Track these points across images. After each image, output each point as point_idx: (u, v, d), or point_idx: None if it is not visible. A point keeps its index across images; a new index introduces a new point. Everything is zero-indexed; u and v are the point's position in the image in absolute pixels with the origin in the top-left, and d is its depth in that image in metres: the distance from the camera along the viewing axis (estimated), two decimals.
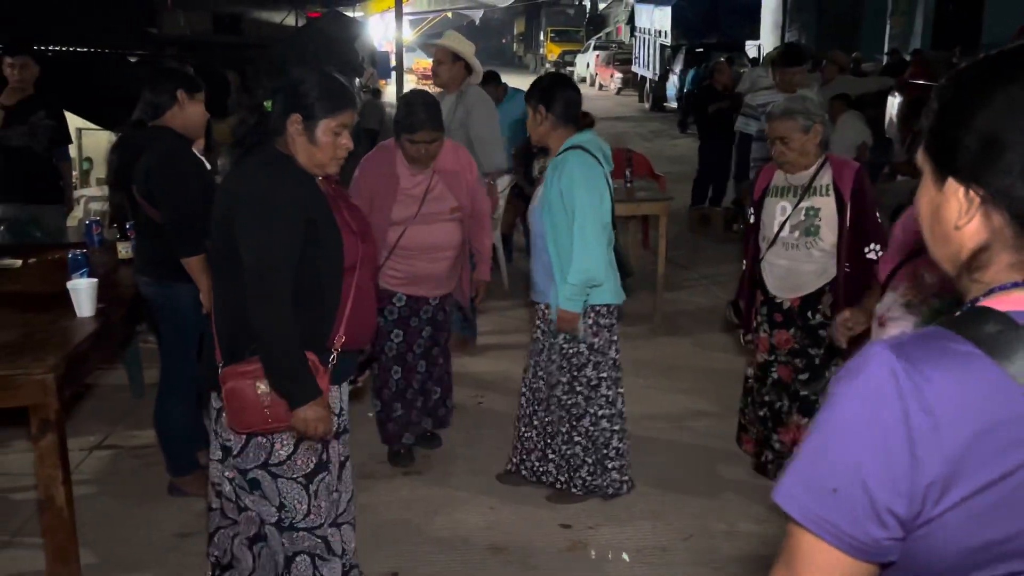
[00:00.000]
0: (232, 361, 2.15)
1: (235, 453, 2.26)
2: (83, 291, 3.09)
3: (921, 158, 0.90)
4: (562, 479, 3.38)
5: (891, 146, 8.61)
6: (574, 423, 3.29)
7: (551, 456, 3.39)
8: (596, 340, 3.23)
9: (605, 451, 3.34)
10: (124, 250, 3.78)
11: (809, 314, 3.21)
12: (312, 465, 2.27)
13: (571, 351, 3.23)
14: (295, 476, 2.25)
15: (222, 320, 2.20)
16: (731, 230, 8.19)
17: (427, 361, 3.70)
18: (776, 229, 3.18)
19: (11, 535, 3.21)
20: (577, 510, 3.37)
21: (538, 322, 3.36)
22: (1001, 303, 0.82)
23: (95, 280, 3.17)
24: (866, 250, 3.05)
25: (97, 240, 4.09)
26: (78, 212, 6.37)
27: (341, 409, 2.39)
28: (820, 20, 20.04)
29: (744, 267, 3.44)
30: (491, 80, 7.33)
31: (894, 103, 9.21)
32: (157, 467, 3.56)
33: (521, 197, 6.89)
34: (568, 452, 3.33)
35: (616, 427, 3.34)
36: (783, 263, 3.21)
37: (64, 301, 3.10)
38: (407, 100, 3.45)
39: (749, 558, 3.08)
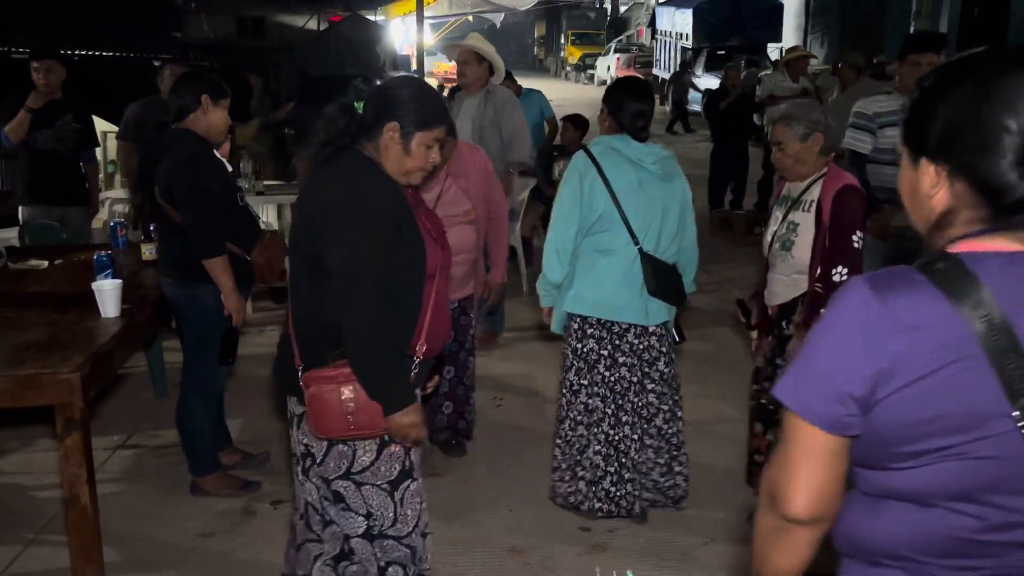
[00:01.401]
0: (314, 365, 2.12)
1: (318, 461, 2.21)
2: (108, 292, 3.13)
3: (900, 145, 1.16)
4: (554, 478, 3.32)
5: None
6: (558, 426, 3.29)
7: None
8: (579, 346, 3.17)
9: (579, 458, 3.21)
10: (148, 251, 3.82)
11: (784, 324, 3.11)
12: (396, 472, 2.21)
13: (564, 351, 3.25)
14: (379, 483, 2.19)
15: (303, 324, 2.17)
16: (752, 233, 8.15)
17: (455, 366, 3.67)
18: (769, 238, 3.16)
19: (36, 533, 3.24)
20: None
21: None
22: (954, 248, 1.07)
23: (119, 281, 3.21)
24: (833, 271, 2.86)
25: (122, 242, 4.13)
26: (103, 214, 6.46)
27: None
28: (843, 23, 19.89)
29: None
30: (504, 79, 7.34)
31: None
32: (180, 466, 3.59)
33: (541, 200, 6.89)
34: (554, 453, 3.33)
35: (596, 437, 3.16)
36: (770, 272, 3.18)
37: (89, 302, 3.14)
38: None
39: None
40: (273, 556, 3.09)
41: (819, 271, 2.92)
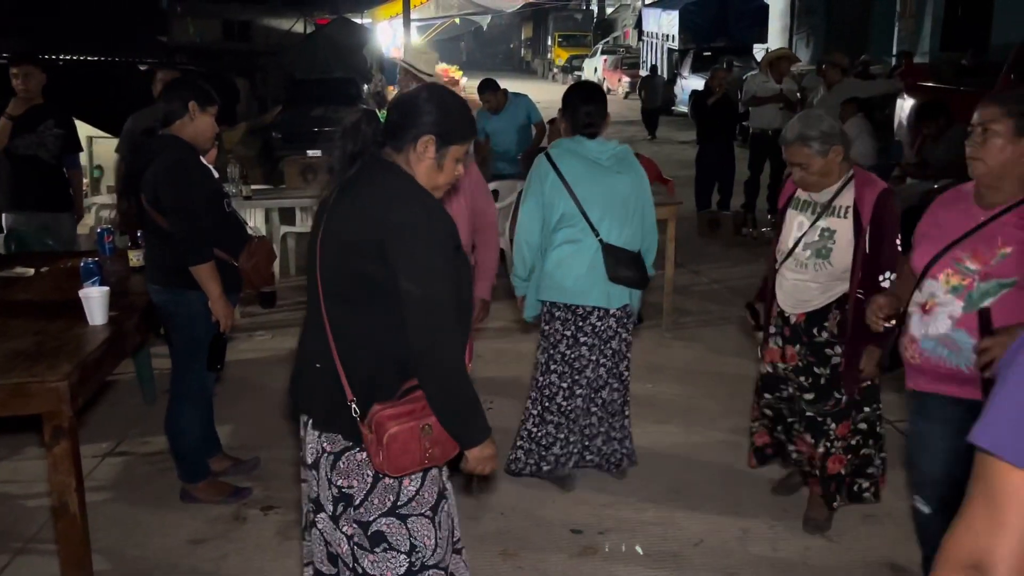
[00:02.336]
0: (377, 399, 1.94)
1: (357, 502, 2.01)
2: (95, 299, 3.11)
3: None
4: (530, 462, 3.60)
5: (900, 149, 8.59)
6: (547, 403, 3.51)
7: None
8: (546, 328, 3.46)
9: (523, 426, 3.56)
10: (136, 258, 3.80)
11: (815, 331, 3.07)
12: (435, 495, 2.09)
13: (546, 330, 3.50)
14: (423, 511, 2.06)
15: (359, 356, 1.98)
16: (740, 234, 8.19)
17: None
18: (791, 244, 3.08)
19: (25, 542, 3.22)
20: (588, 515, 3.37)
21: None
22: None
23: (107, 288, 3.19)
24: (880, 279, 2.90)
25: (109, 248, 4.11)
26: (89, 220, 6.42)
27: None
28: (828, 23, 20.00)
29: (767, 272, 3.36)
30: (488, 88, 7.33)
31: (903, 106, 9.17)
32: (169, 473, 3.58)
33: None
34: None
35: (548, 409, 3.48)
36: (792, 278, 3.11)
37: (76, 309, 3.12)
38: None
39: (761, 562, 3.07)
40: (264, 563, 3.09)
41: (860, 277, 2.92)
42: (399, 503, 2.03)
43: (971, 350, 2.29)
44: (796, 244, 3.07)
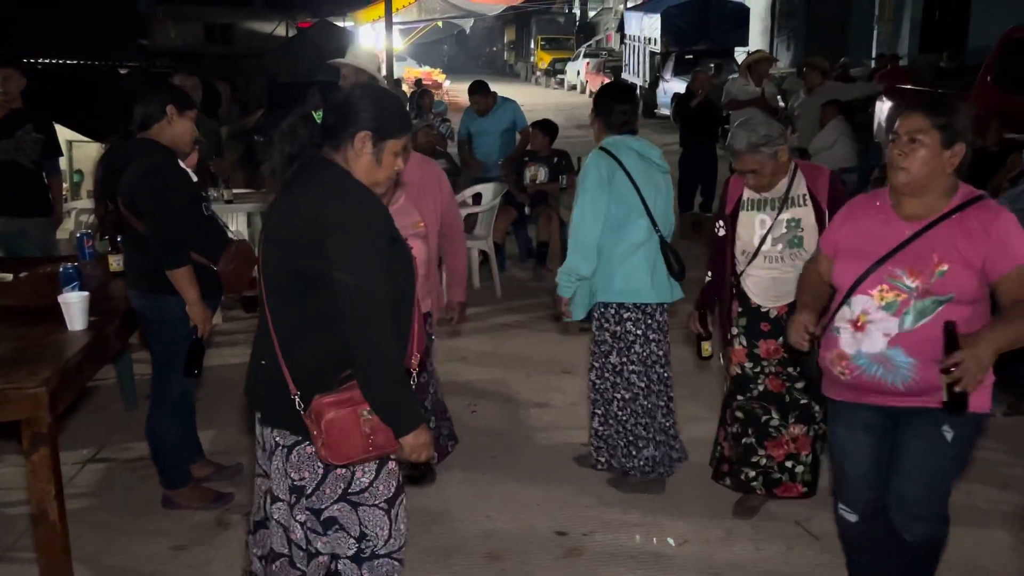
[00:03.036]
0: (317, 391, 2.01)
1: (309, 492, 2.10)
2: (75, 305, 3.09)
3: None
4: (602, 460, 3.60)
5: (879, 151, 8.66)
6: (597, 407, 3.55)
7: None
8: (618, 329, 3.46)
9: (635, 431, 3.51)
10: (116, 263, 3.77)
11: None
12: (393, 489, 2.16)
13: (599, 337, 3.51)
14: (377, 503, 2.14)
15: (300, 349, 2.05)
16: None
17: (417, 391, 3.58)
18: (757, 243, 3.14)
19: (4, 550, 3.19)
20: (572, 516, 3.38)
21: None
22: None
23: (86, 293, 3.17)
24: None
25: (89, 253, 4.07)
26: (69, 225, 6.36)
27: None
28: (808, 26, 20.16)
29: (709, 278, 3.36)
30: (479, 90, 7.35)
31: (882, 108, 9.26)
32: (151, 480, 3.55)
33: (513, 205, 6.91)
34: (604, 433, 3.57)
35: (635, 410, 3.49)
36: (766, 274, 3.16)
37: (56, 315, 3.09)
38: None
39: (744, 562, 3.08)
40: None
41: None
42: (350, 491, 2.11)
43: (908, 368, 2.27)
44: (762, 242, 3.15)
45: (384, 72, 4.78)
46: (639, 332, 3.46)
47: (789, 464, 3.27)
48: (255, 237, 6.36)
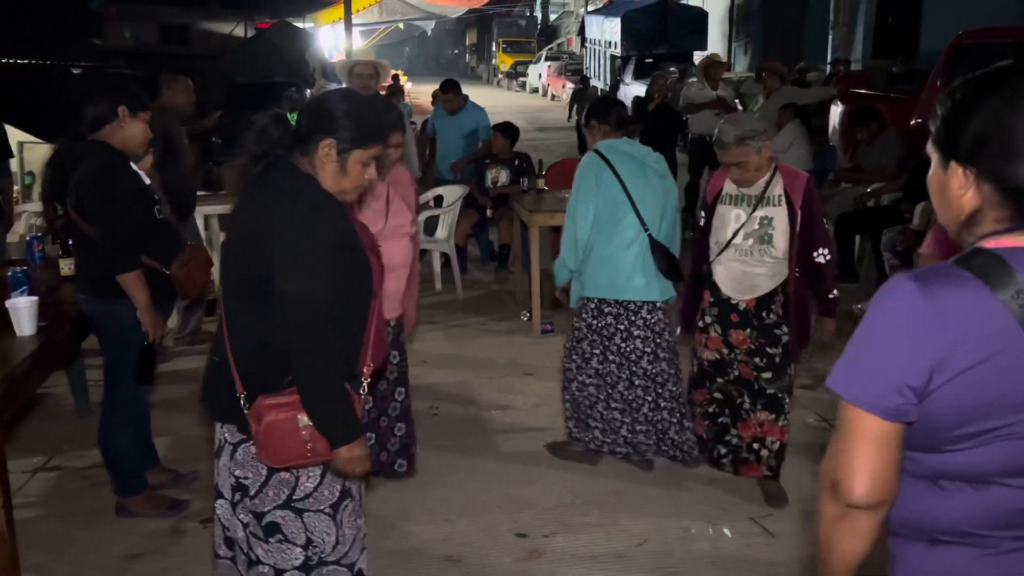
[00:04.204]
0: (261, 392, 2.00)
1: (252, 493, 2.08)
2: (23, 310, 3.02)
3: (930, 148, 1.23)
4: (607, 440, 3.75)
5: (835, 154, 8.82)
6: (566, 385, 3.74)
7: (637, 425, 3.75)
8: (595, 323, 3.61)
9: (590, 412, 3.70)
10: (67, 267, 3.70)
11: (764, 314, 3.33)
12: (337, 493, 2.14)
13: (577, 325, 3.68)
14: (322, 508, 2.11)
15: (248, 349, 2.05)
16: (683, 236, 8.31)
17: (405, 387, 3.55)
18: (730, 235, 3.31)
19: None
20: (533, 518, 3.39)
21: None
22: (988, 244, 1.16)
23: (35, 298, 3.10)
24: (815, 255, 3.26)
25: (39, 256, 3.99)
26: (19, 228, 6.22)
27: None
28: (766, 31, 20.46)
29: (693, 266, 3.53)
30: (450, 88, 7.35)
31: (837, 112, 9.43)
32: (105, 488, 3.49)
33: (475, 207, 6.91)
34: (607, 416, 3.71)
35: (611, 396, 3.65)
36: (737, 267, 3.33)
37: (4, 320, 3.02)
38: (369, 104, 3.32)
39: (703, 560, 3.12)
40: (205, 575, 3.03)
41: (797, 255, 3.23)
42: (295, 497, 2.09)
43: None
44: (735, 235, 3.29)
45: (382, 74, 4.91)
46: (621, 327, 3.59)
47: (755, 446, 3.43)
48: (213, 240, 6.28)
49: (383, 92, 4.95)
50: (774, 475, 3.46)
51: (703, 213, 3.44)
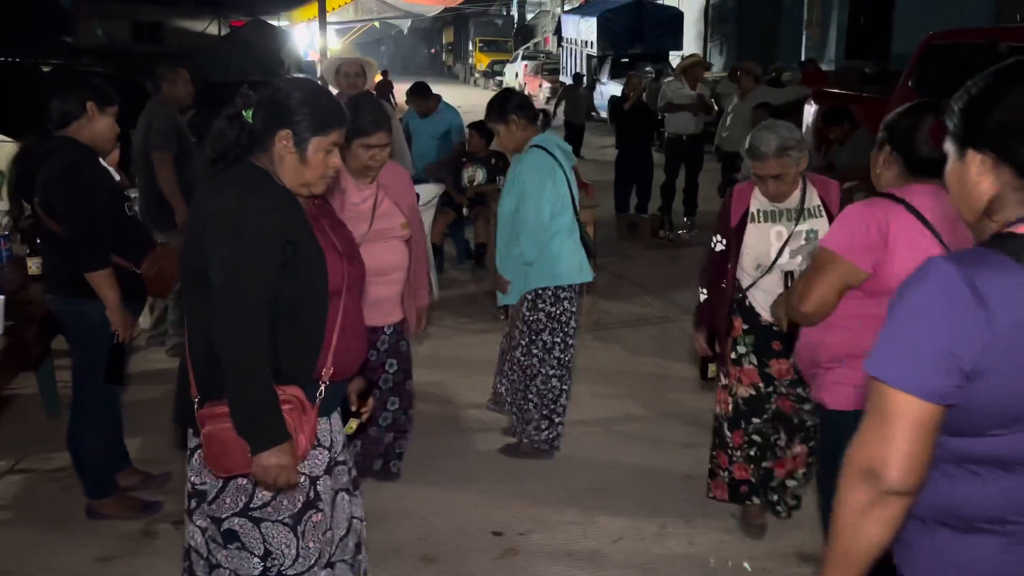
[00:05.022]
0: (209, 398, 1.95)
1: (210, 498, 2.03)
2: None
3: (947, 144, 1.24)
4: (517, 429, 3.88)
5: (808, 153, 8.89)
6: (528, 382, 3.76)
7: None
8: (553, 310, 3.71)
9: (553, 407, 3.78)
10: (34, 266, 3.64)
11: None
12: (299, 504, 2.04)
13: (531, 317, 3.71)
14: (281, 518, 2.03)
15: (197, 351, 1.99)
16: (658, 236, 8.36)
17: (400, 397, 3.50)
18: (774, 256, 2.99)
19: None
20: (509, 516, 3.38)
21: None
22: (1018, 230, 1.15)
23: (2, 297, 3.05)
24: None
25: (5, 255, 3.93)
26: None
27: (332, 442, 2.16)
28: (740, 31, 20.61)
29: (705, 295, 3.21)
30: (418, 93, 7.32)
31: (810, 112, 9.51)
32: (75, 490, 3.43)
33: (451, 206, 6.90)
34: (524, 407, 3.82)
35: (565, 385, 3.79)
36: (780, 289, 2.95)
37: None
38: (354, 103, 3.16)
39: (678, 558, 3.13)
40: None
41: None
42: (252, 505, 2.02)
43: None
44: (779, 254, 2.99)
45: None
46: (572, 310, 3.76)
47: (787, 482, 3.23)
48: None
49: (372, 91, 4.93)
50: (797, 505, 3.28)
51: (719, 237, 3.10)
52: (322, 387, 2.03)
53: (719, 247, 3.11)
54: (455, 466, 3.83)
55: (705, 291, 3.21)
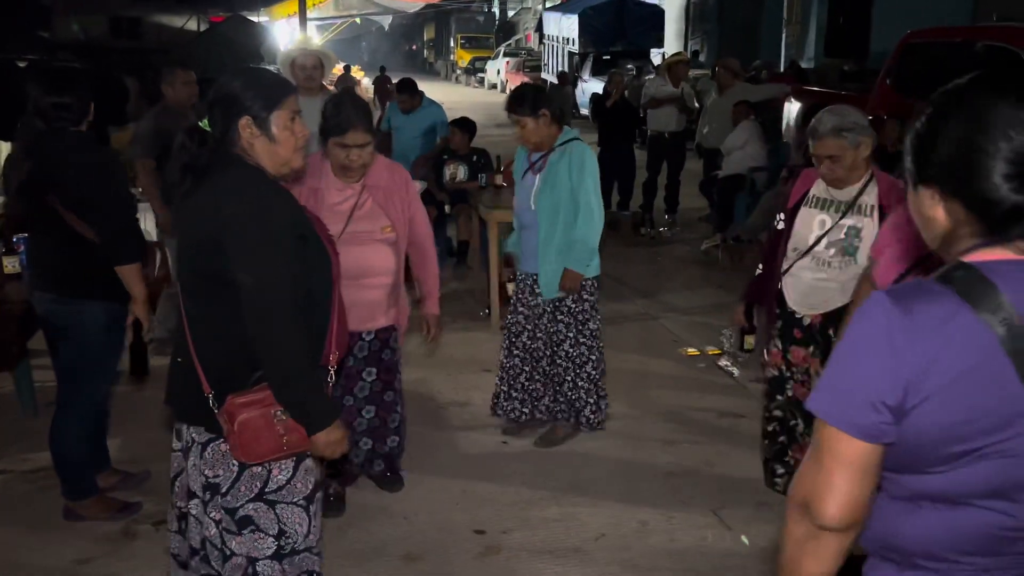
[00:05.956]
0: (228, 390, 2.00)
1: (224, 490, 2.07)
2: None
3: (906, 176, 1.24)
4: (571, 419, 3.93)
5: (788, 150, 8.95)
6: (577, 371, 3.83)
7: (560, 400, 3.94)
8: (594, 299, 3.86)
9: (601, 386, 3.95)
10: (11, 264, 3.60)
11: (831, 332, 3.04)
12: (311, 486, 2.15)
13: (577, 308, 3.80)
14: (295, 500, 2.11)
15: (212, 349, 2.05)
16: (639, 234, 8.38)
17: (377, 406, 3.36)
18: (812, 242, 3.03)
19: None
20: (491, 514, 3.39)
21: (535, 291, 3.84)
22: (968, 258, 1.15)
23: None
24: (908, 276, 2.85)
25: None
26: None
27: None
28: (721, 29, 20.70)
29: (761, 271, 3.29)
30: (405, 89, 7.29)
31: (791, 109, 9.57)
32: (52, 491, 3.40)
33: (433, 203, 6.87)
34: (573, 396, 3.88)
35: (603, 364, 3.94)
36: (809, 277, 3.06)
37: None
38: (335, 100, 3.14)
39: (659, 553, 3.14)
40: None
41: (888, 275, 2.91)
42: (267, 490, 2.09)
43: None
44: (817, 242, 3.02)
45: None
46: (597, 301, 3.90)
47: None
48: (164, 239, 6.15)
49: (331, 86, 4.84)
50: None
51: (781, 216, 3.16)
52: (331, 371, 2.14)
53: (780, 225, 3.18)
54: (437, 464, 3.82)
55: (761, 267, 3.32)
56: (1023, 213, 1.10)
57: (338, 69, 16.74)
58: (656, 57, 20.29)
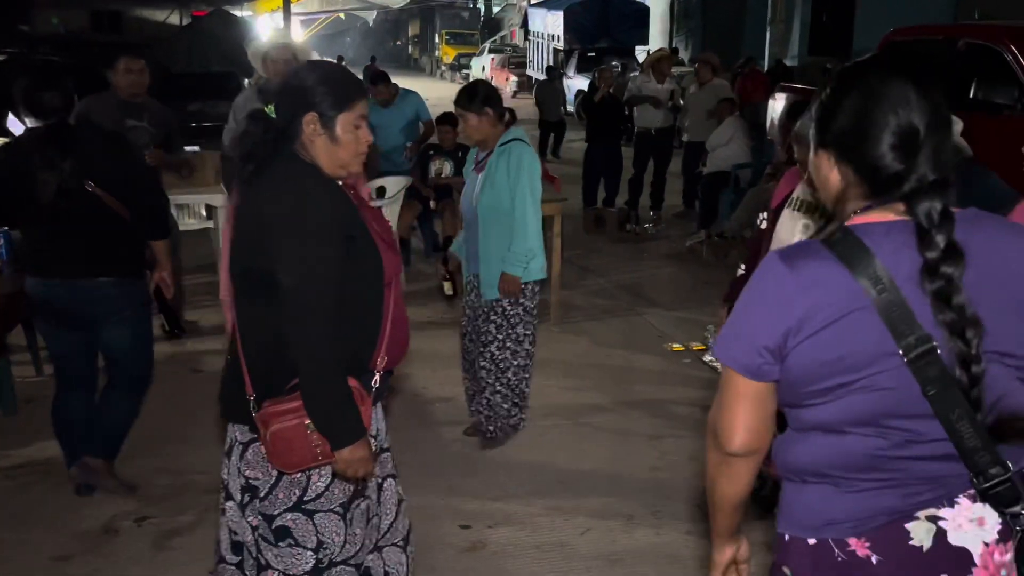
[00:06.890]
0: (269, 396, 1.95)
1: (263, 494, 2.02)
2: None
3: (810, 140, 1.40)
4: (491, 429, 3.87)
5: (772, 147, 8.99)
6: (499, 375, 3.78)
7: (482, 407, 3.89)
8: (531, 304, 3.79)
9: (520, 398, 3.90)
10: None
11: None
12: (349, 492, 2.08)
13: (511, 312, 3.75)
14: (332, 507, 2.05)
15: (256, 350, 2.00)
16: (624, 230, 8.39)
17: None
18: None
19: None
20: (476, 509, 3.38)
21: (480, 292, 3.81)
22: (852, 222, 1.32)
23: None
24: None
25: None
26: None
27: (377, 430, 2.20)
28: (705, 26, 20.75)
29: (742, 271, 3.20)
30: (380, 80, 7.23)
31: (775, 107, 9.61)
32: (32, 488, 3.37)
33: (418, 198, 6.85)
34: (492, 402, 3.83)
35: (527, 375, 3.89)
36: None
37: None
38: None
39: (645, 548, 3.15)
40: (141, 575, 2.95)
41: None
42: (305, 498, 2.03)
43: None
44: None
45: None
46: (536, 302, 3.87)
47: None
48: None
49: None
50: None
51: (764, 215, 3.12)
52: (376, 376, 2.06)
53: (764, 224, 3.13)
54: (422, 459, 3.81)
55: (743, 267, 3.23)
56: (903, 180, 1.27)
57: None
58: (641, 54, 20.34)
